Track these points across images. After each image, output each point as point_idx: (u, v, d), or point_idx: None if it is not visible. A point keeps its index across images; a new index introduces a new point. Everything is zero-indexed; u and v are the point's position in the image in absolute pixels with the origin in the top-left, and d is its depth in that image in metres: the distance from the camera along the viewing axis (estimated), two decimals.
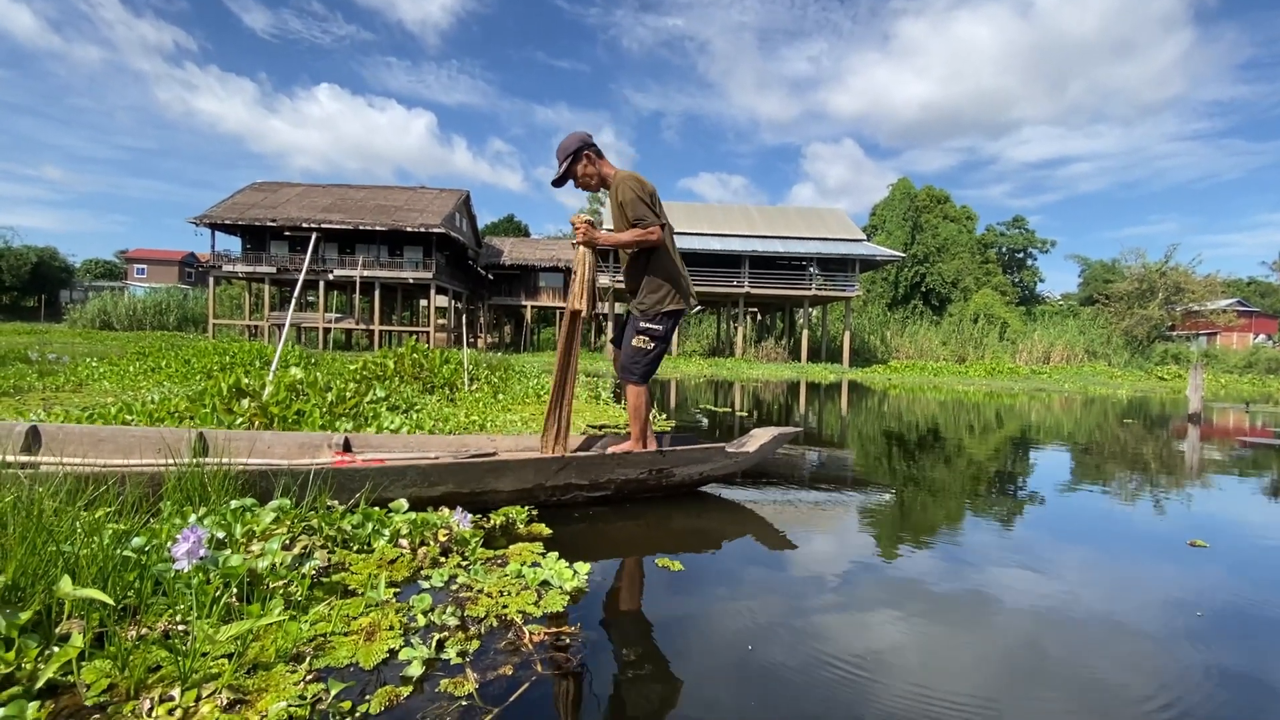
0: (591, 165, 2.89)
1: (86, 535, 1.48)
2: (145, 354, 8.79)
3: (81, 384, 6.48)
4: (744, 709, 1.30)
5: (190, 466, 1.92)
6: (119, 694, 1.20)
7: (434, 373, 6.33)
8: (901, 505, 3.16)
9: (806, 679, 1.43)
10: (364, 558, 1.88)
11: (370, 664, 1.36)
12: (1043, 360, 27.73)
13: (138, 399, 3.86)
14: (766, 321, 35.28)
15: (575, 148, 2.85)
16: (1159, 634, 1.75)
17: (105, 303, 34.94)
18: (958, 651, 1.62)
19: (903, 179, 41.32)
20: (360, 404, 3.80)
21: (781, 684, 1.40)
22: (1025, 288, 48.56)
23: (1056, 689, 1.44)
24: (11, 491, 1.53)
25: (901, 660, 1.55)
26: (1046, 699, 1.40)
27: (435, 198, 31.91)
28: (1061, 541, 2.69)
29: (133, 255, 62.20)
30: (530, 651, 1.46)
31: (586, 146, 2.88)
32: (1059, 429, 7.35)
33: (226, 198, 30.24)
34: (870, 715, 1.31)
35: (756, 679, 1.42)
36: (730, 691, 1.37)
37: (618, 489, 2.73)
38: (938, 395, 12.63)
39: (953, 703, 1.36)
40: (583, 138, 2.89)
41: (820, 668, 1.48)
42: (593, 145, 2.90)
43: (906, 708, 1.33)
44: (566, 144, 2.87)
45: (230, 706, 1.17)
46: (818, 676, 1.44)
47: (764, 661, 1.49)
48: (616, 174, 2.89)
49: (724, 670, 1.46)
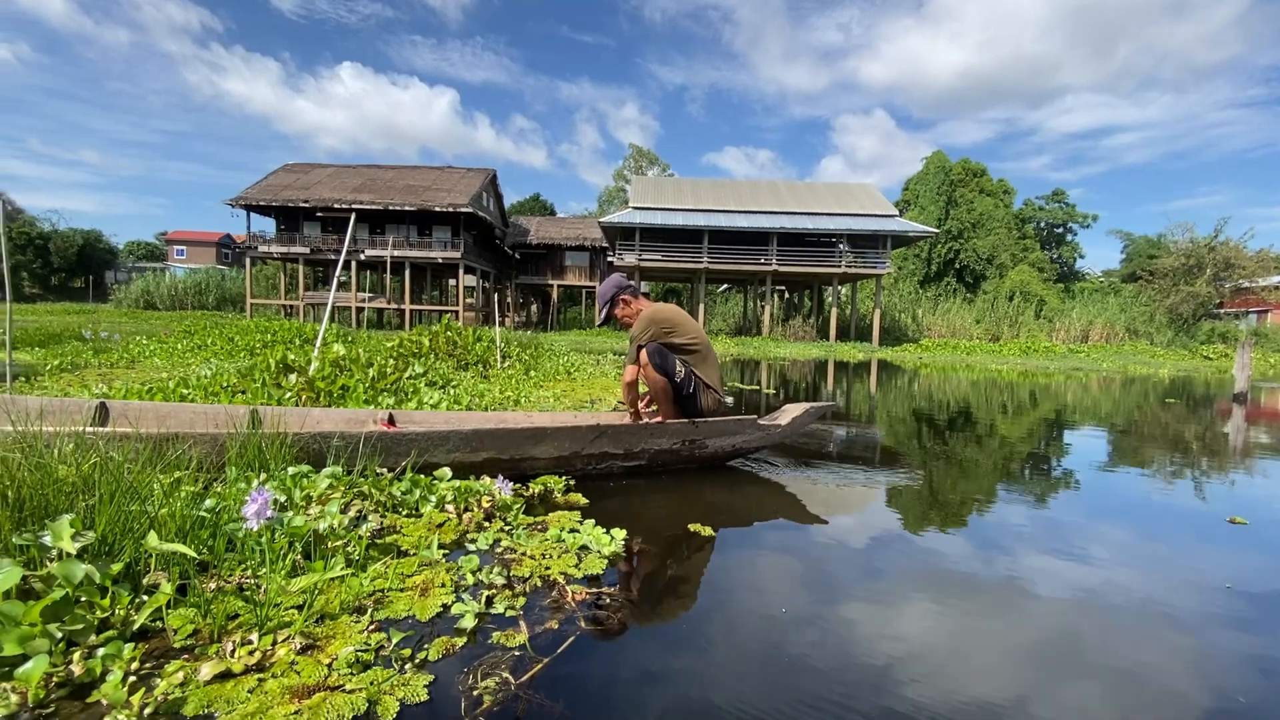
0: (628, 307, 3.26)
1: (164, 496, 1.59)
2: (191, 332, 9.14)
3: (134, 361, 6.78)
4: (777, 669, 1.37)
5: (251, 433, 2.04)
6: (202, 638, 1.31)
7: (467, 350, 6.47)
8: (933, 485, 3.17)
9: (836, 648, 1.48)
10: (413, 521, 1.99)
11: (426, 617, 1.46)
12: (1081, 339, 26.96)
13: (191, 374, 4.06)
14: (794, 300, 34.88)
15: (612, 294, 3.26)
16: (1191, 610, 1.76)
17: (148, 283, 36.12)
18: (987, 629, 1.66)
19: (937, 152, 40.14)
20: (400, 380, 3.94)
21: (812, 649, 1.46)
22: (1064, 264, 47.00)
23: (1089, 665, 1.47)
24: (92, 456, 1.66)
25: (930, 637, 1.59)
26: (1078, 676, 1.43)
27: (462, 177, 32.08)
28: (1097, 521, 2.68)
29: (172, 237, 63.97)
30: (574, 609, 1.54)
31: (622, 291, 3.28)
32: (1096, 409, 7.20)
33: (260, 179, 30.83)
34: (900, 692, 1.36)
35: (789, 641, 1.48)
36: (764, 652, 1.43)
37: (651, 459, 2.80)
38: (970, 374, 12.43)
39: (982, 681, 1.40)
40: (618, 283, 3.29)
41: (849, 641, 1.53)
42: (628, 288, 3.30)
43: (934, 685, 1.38)
44: (604, 291, 3.28)
45: (303, 650, 1.28)
46: (846, 648, 1.50)
47: (796, 624, 1.56)
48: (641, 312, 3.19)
49: (757, 632, 1.52)
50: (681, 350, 3.05)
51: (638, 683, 1.30)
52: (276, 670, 1.21)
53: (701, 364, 3.07)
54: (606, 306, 3.27)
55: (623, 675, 1.32)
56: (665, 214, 26.76)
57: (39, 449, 1.55)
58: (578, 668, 1.33)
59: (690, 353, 3.07)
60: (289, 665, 1.23)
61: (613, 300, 3.26)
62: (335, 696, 1.15)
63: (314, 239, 29.38)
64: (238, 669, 1.20)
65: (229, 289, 36.98)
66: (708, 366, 3.09)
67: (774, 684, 1.31)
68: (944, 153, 40.04)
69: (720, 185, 31.86)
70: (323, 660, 1.25)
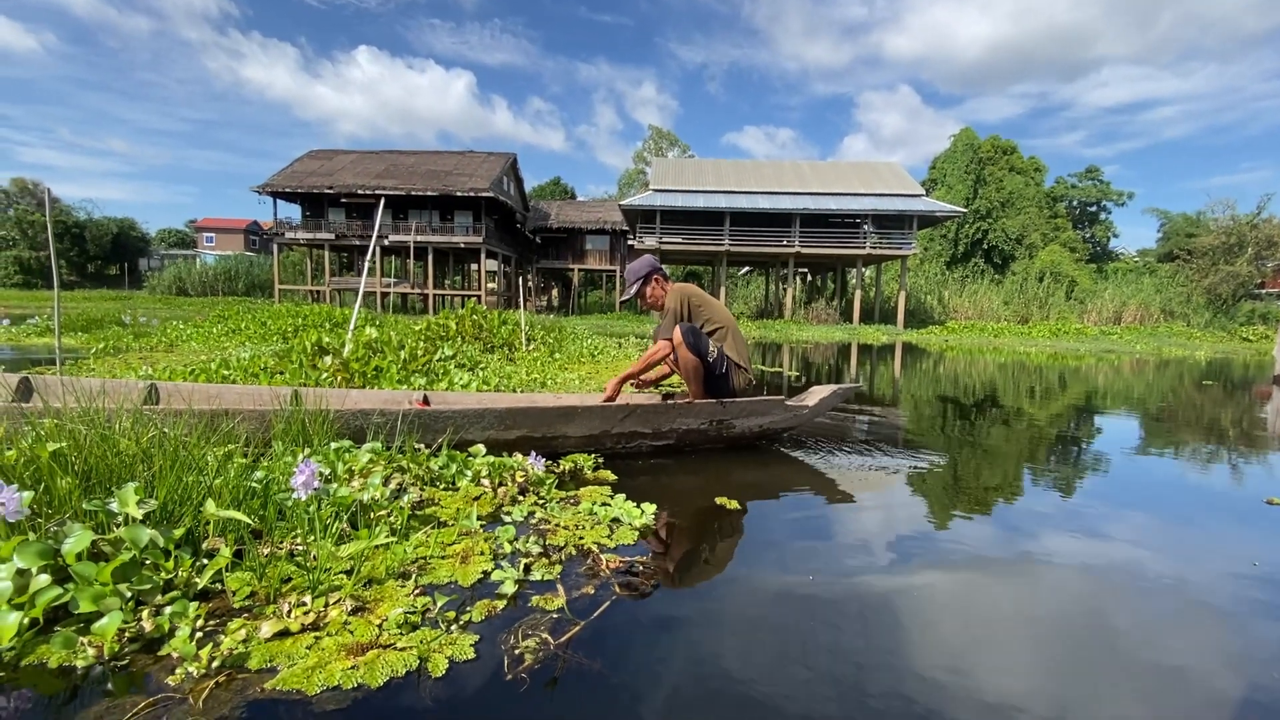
0: (659, 288, 3.26)
1: (218, 468, 1.67)
2: (225, 317, 9.39)
3: (172, 345, 7.00)
4: (802, 639, 1.40)
5: (295, 410, 2.12)
6: (259, 599, 1.39)
7: (493, 333, 6.56)
8: (959, 468, 3.16)
9: (861, 621, 1.52)
10: (450, 494, 2.06)
11: (467, 582, 1.52)
12: (1113, 320, 26.28)
13: (232, 356, 4.20)
14: (817, 282, 34.50)
15: (645, 273, 3.26)
16: (1229, 593, 1.75)
17: (180, 270, 37.08)
18: (1015, 611, 1.66)
19: (965, 129, 39.10)
20: (431, 361, 4.03)
21: (838, 622, 1.50)
22: (1097, 244, 45.66)
23: (1121, 650, 1.48)
24: (150, 430, 1.75)
25: (956, 617, 1.61)
26: (1110, 662, 1.44)
27: (483, 161, 32.15)
28: (1130, 505, 2.65)
29: (201, 224, 65.29)
30: (608, 576, 1.59)
31: (655, 271, 3.28)
32: (1128, 392, 7.06)
33: (285, 166, 31.24)
34: (925, 673, 1.39)
35: (814, 612, 1.52)
36: (791, 621, 1.47)
37: (680, 438, 2.84)
38: (997, 357, 12.23)
39: (1009, 664, 1.42)
40: (652, 263, 3.29)
41: (874, 615, 1.56)
42: (657, 269, 3.30)
43: (960, 666, 1.41)
44: (635, 269, 3.27)
45: (354, 612, 1.35)
46: (870, 621, 1.53)
47: (821, 595, 1.59)
48: (669, 291, 3.19)
49: (784, 602, 1.56)
50: (712, 327, 3.07)
51: (671, 645, 1.35)
52: (331, 629, 1.28)
53: (731, 342, 3.09)
54: (638, 284, 3.24)
55: (657, 638, 1.37)
56: (686, 196, 26.55)
57: (101, 424, 1.64)
58: (614, 630, 1.38)
59: (720, 330, 3.09)
60: (342, 625, 1.29)
61: (646, 278, 3.25)
62: (388, 654, 1.21)
63: (338, 225, 29.77)
64: (295, 628, 1.27)
65: (257, 275, 37.76)
66: (738, 344, 3.11)
67: (797, 653, 1.34)
68: (972, 130, 39.01)
69: (741, 166, 31.48)
70: (373, 621, 1.31)
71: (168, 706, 1.08)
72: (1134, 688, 1.28)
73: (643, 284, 3.25)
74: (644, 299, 3.27)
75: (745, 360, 3.11)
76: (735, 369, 3.05)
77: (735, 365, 3.06)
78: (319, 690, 1.12)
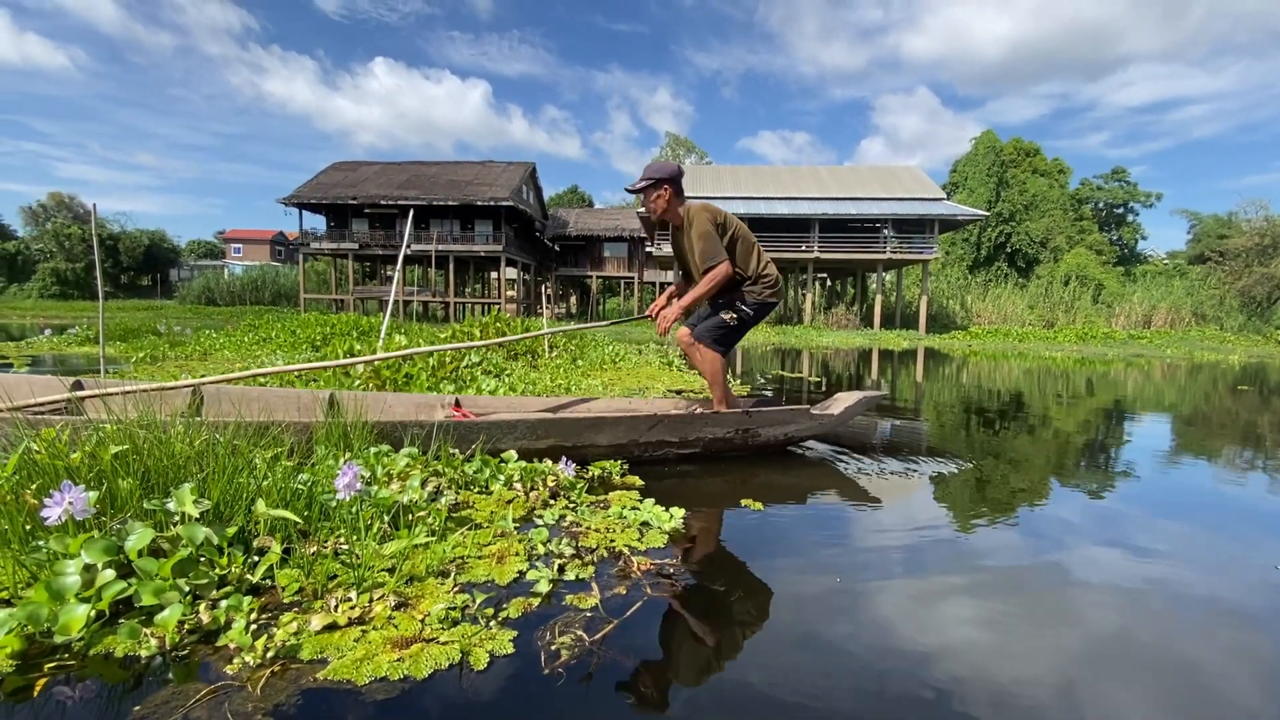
0: (663, 200, 3.03)
1: (265, 470, 1.75)
2: (256, 326, 9.63)
3: (206, 353, 7.20)
4: (831, 637, 1.43)
5: (335, 421, 2.20)
6: (307, 595, 1.45)
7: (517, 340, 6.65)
8: (985, 475, 3.14)
9: (888, 627, 1.53)
10: (484, 498, 2.12)
11: (504, 581, 1.57)
12: (1143, 324, 25.74)
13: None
14: (836, 287, 34.29)
15: (664, 176, 3.01)
16: (1264, 604, 1.74)
17: (208, 280, 38.02)
18: (1043, 621, 1.65)
19: (987, 132, 38.69)
20: (458, 368, 4.12)
21: (866, 626, 1.52)
22: (1124, 246, 44.74)
23: (1149, 662, 1.47)
24: (201, 433, 1.83)
25: (983, 625, 1.62)
26: (1137, 674, 1.44)
27: (503, 171, 32.54)
28: (1162, 511, 2.62)
29: (229, 235, 66.85)
30: (639, 577, 1.63)
31: (670, 181, 3.02)
32: (1159, 398, 6.93)
33: (311, 178, 31.92)
34: (956, 680, 1.40)
35: (843, 612, 1.54)
36: (818, 622, 1.50)
37: (706, 447, 2.87)
38: (1022, 362, 12.05)
39: (1035, 675, 1.43)
40: (672, 172, 3.04)
41: (901, 621, 1.58)
42: (676, 182, 3.05)
43: (987, 674, 1.42)
44: (655, 168, 3.03)
45: (397, 608, 1.40)
46: (897, 627, 1.54)
47: (849, 597, 1.61)
48: (689, 210, 3.03)
49: (812, 602, 1.58)
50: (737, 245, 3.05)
51: (701, 645, 1.38)
52: (376, 623, 1.33)
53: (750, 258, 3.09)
54: (649, 185, 2.99)
55: (687, 638, 1.40)
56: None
57: (158, 427, 1.72)
58: (647, 629, 1.41)
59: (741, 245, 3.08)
60: (387, 619, 1.35)
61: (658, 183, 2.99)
62: (431, 647, 1.26)
63: (362, 234, 30.33)
64: (342, 621, 1.33)
65: (283, 284, 38.56)
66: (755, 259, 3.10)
67: (824, 655, 1.37)
68: (994, 132, 38.59)
69: (759, 172, 31.47)
70: (416, 616, 1.37)
71: (228, 694, 1.13)
72: (1166, 701, 1.28)
73: (652, 187, 3.00)
74: (647, 202, 3.04)
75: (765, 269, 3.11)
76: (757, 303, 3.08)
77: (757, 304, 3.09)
78: (368, 680, 1.17)
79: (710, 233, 2.93)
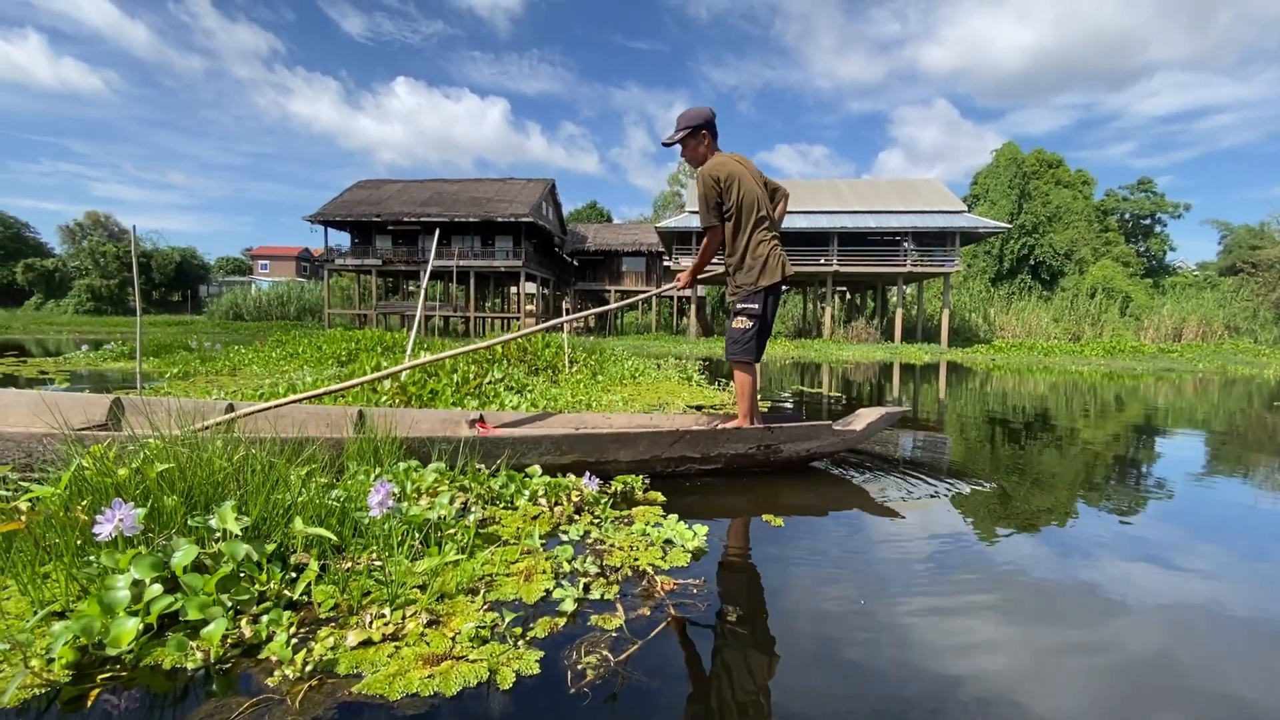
0: (701, 146, 3.05)
1: (301, 487, 1.81)
2: (283, 342, 9.85)
3: (235, 369, 7.38)
4: (855, 661, 1.43)
5: (366, 436, 2.26)
6: (342, 610, 1.49)
7: (537, 356, 6.74)
8: (1011, 492, 3.11)
9: (914, 648, 1.53)
10: (510, 513, 2.16)
11: (531, 599, 1.60)
12: (1173, 337, 25.16)
13: (300, 380, 4.44)
14: (856, 301, 34.05)
15: (697, 123, 3.00)
16: None
17: (236, 296, 38.92)
18: (1075, 645, 1.63)
19: (1008, 143, 38.31)
20: (482, 384, 4.19)
21: (889, 646, 1.52)
22: (1152, 258, 43.82)
23: (1186, 689, 1.46)
24: (239, 450, 1.89)
25: (1013, 649, 1.61)
26: (1173, 701, 1.43)
27: (523, 188, 32.99)
28: (1196, 531, 2.57)
29: (257, 252, 68.50)
30: (663, 597, 1.65)
31: (706, 125, 3.03)
32: (1191, 413, 6.77)
33: (336, 196, 32.65)
34: (981, 702, 1.40)
35: (867, 635, 1.54)
36: (842, 645, 1.50)
37: (728, 463, 2.89)
38: (1048, 376, 11.85)
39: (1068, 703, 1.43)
40: (707, 116, 3.03)
41: (927, 643, 1.58)
42: (712, 126, 3.05)
43: (1019, 701, 1.42)
44: (691, 115, 3.02)
45: (429, 624, 1.44)
46: (922, 649, 1.54)
47: (874, 619, 1.61)
48: (702, 168, 3.02)
49: (836, 625, 1.59)
50: (732, 218, 2.97)
51: (724, 667, 1.39)
52: (409, 640, 1.37)
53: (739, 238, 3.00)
54: (685, 133, 3.00)
55: (710, 660, 1.42)
56: None
57: (199, 446, 1.79)
58: (671, 651, 1.43)
59: (733, 220, 2.98)
60: (419, 636, 1.39)
61: (695, 130, 3.00)
62: (461, 665, 1.30)
63: (385, 251, 30.89)
64: (376, 637, 1.37)
65: (308, 300, 39.32)
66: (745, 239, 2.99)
67: (848, 679, 1.37)
68: (1015, 144, 38.21)
69: None
70: (447, 633, 1.40)
71: (269, 706, 1.18)
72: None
73: (690, 135, 3.02)
74: (686, 151, 3.07)
75: (776, 268, 3.00)
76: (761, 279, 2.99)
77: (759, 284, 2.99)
78: (400, 696, 1.21)
79: (705, 197, 2.95)
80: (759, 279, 3.01)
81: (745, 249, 3.01)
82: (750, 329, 3.04)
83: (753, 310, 3.03)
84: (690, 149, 3.06)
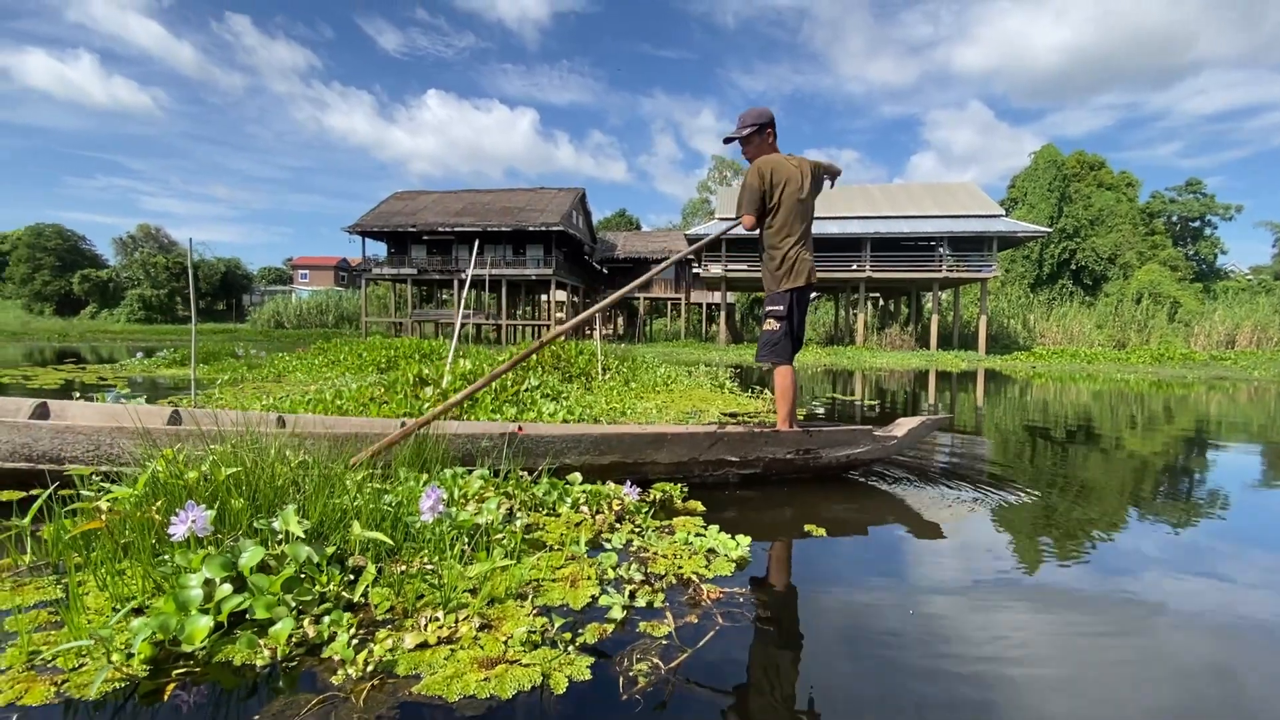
0: (765, 144, 3.16)
1: (355, 492, 1.87)
2: (325, 350, 10.14)
3: (280, 375, 7.62)
4: (904, 672, 1.42)
5: (418, 441, 2.33)
6: (397, 613, 1.54)
7: (571, 363, 6.81)
8: (1057, 503, 3.03)
9: (960, 660, 1.51)
10: (553, 519, 2.19)
11: (578, 605, 1.62)
12: (1225, 344, 24.14)
13: (341, 387, 4.59)
14: (889, 307, 33.51)
15: (762, 122, 3.13)
16: None
17: (277, 305, 40.27)
18: (1125, 662, 1.62)
19: (1047, 145, 37.40)
20: (519, 392, 4.26)
21: (940, 657, 1.50)
22: (1202, 261, 42.16)
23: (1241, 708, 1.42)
24: (299, 456, 1.97)
25: (1067, 662, 1.58)
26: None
27: (554, 197, 33.41)
28: (1252, 544, 2.48)
29: (297, 262, 70.64)
30: (710, 605, 1.66)
31: (770, 124, 3.16)
32: (1248, 424, 6.50)
33: (373, 207, 33.55)
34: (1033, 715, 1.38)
35: (916, 646, 1.53)
36: (891, 656, 1.49)
37: (766, 467, 2.88)
38: (1092, 385, 11.48)
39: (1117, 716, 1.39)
40: (770, 116, 3.16)
41: (974, 655, 1.56)
42: (773, 126, 3.18)
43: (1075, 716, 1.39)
44: (755, 114, 3.14)
45: (482, 628, 1.47)
46: (971, 660, 1.52)
47: (923, 630, 1.59)
48: (757, 160, 3.11)
49: (885, 636, 1.58)
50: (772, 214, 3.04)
51: (774, 677, 1.40)
52: (464, 643, 1.41)
53: (779, 235, 3.05)
54: (750, 130, 3.12)
55: (759, 669, 1.42)
56: None
57: (262, 452, 1.87)
58: (720, 659, 1.44)
59: (776, 216, 3.04)
60: (473, 640, 1.42)
61: (760, 129, 3.12)
62: (515, 669, 1.32)
63: (420, 260, 31.59)
64: (432, 640, 1.41)
65: (345, 308, 40.42)
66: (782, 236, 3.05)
67: (898, 691, 1.36)
68: (1055, 146, 37.28)
69: None
70: (499, 638, 1.44)
71: (335, 704, 1.22)
72: None
73: (755, 132, 3.13)
74: (749, 146, 3.17)
75: (802, 272, 3.05)
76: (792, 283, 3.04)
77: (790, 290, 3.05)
78: (458, 698, 1.24)
79: (749, 185, 3.04)
80: (784, 281, 3.08)
81: (778, 249, 3.08)
82: (778, 330, 3.08)
83: (778, 311, 3.08)
84: (755, 146, 3.16)
